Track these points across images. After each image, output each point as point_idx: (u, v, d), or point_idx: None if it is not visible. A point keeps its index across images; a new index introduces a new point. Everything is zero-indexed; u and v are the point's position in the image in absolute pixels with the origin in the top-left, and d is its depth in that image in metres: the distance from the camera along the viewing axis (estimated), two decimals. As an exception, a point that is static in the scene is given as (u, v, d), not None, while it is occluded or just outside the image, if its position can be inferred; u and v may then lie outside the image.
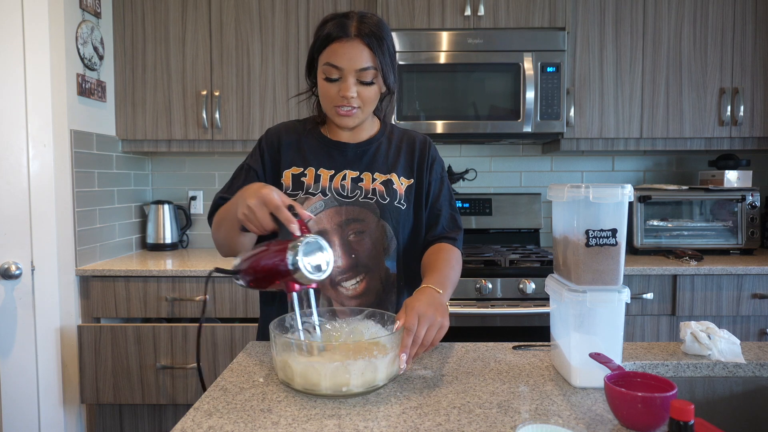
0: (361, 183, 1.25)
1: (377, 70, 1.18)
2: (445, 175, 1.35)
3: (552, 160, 2.87)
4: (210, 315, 2.23)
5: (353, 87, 1.17)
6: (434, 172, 1.32)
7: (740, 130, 2.48)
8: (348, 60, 1.16)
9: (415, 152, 1.31)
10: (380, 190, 1.25)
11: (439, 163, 1.34)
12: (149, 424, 2.29)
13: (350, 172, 1.26)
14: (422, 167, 1.31)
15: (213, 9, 2.48)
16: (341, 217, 1.23)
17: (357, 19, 1.17)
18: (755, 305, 2.22)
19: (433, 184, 1.31)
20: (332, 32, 1.16)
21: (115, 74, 2.50)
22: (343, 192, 1.24)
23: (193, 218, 2.89)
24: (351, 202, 1.24)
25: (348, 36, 1.15)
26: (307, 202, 1.22)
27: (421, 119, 2.38)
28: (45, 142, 2.04)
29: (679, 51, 2.46)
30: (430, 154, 1.32)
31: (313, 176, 1.25)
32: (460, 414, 0.85)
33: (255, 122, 2.50)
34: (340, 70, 1.17)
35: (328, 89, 1.19)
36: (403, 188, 1.28)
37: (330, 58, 1.17)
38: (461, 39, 2.37)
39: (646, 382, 0.85)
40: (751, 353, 1.13)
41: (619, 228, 0.94)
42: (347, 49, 1.15)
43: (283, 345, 0.93)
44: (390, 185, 1.26)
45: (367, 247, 1.23)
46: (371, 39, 1.16)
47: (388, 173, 1.27)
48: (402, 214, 1.26)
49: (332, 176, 1.25)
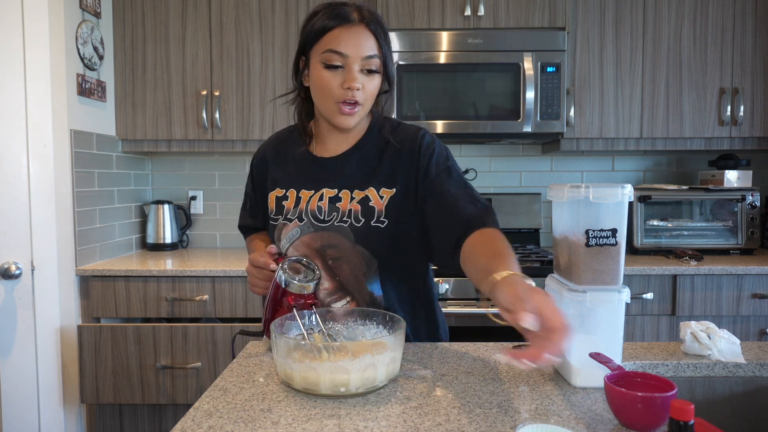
0: (339, 203, 1.16)
1: (381, 60, 1.11)
2: (451, 164, 1.16)
3: (552, 160, 2.87)
4: (210, 315, 2.23)
5: (359, 76, 1.09)
6: (431, 170, 1.14)
7: (740, 130, 2.48)
8: (354, 45, 1.07)
9: (399, 156, 1.16)
10: (356, 211, 1.14)
11: (437, 155, 1.16)
12: (149, 424, 2.29)
13: (327, 191, 1.17)
14: (411, 173, 1.15)
15: (213, 9, 2.48)
16: (317, 243, 1.16)
17: (356, 7, 1.10)
18: (755, 305, 2.22)
19: (436, 182, 1.13)
20: (330, 21, 1.08)
21: (115, 74, 2.50)
22: (320, 215, 1.16)
23: (193, 218, 2.89)
24: (326, 227, 1.16)
25: (351, 21, 1.08)
26: (285, 228, 1.20)
27: (421, 119, 2.38)
28: (45, 142, 2.04)
29: (679, 51, 2.46)
30: (420, 155, 1.15)
31: (294, 199, 1.20)
32: (460, 414, 0.85)
33: (255, 122, 2.50)
34: (344, 57, 1.07)
35: (329, 80, 1.09)
36: (384, 202, 1.14)
37: (331, 44, 1.08)
38: (461, 39, 2.37)
39: (646, 382, 0.85)
40: (751, 353, 1.12)
41: (619, 228, 0.94)
42: (353, 35, 1.07)
43: (283, 345, 0.93)
44: (367, 203, 1.14)
45: (346, 272, 1.16)
46: (376, 26, 1.10)
47: (366, 188, 1.15)
48: (382, 233, 1.13)
49: (311, 196, 1.18)
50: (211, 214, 2.89)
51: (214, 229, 2.90)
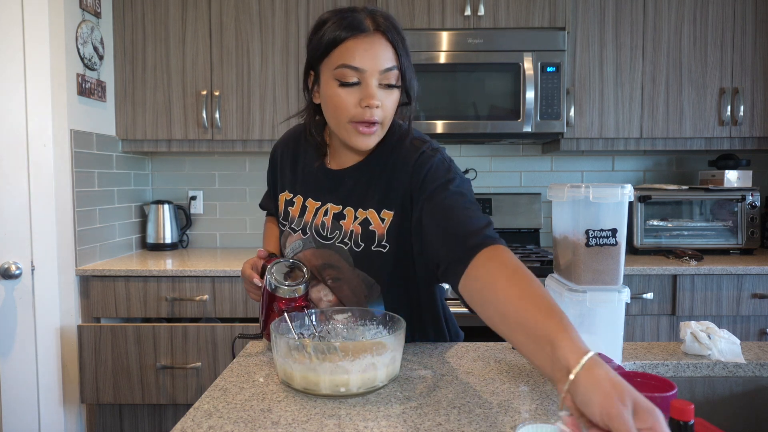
0: (343, 221, 1.09)
1: (400, 72, 1.00)
2: (452, 176, 1.00)
3: (552, 160, 2.87)
4: (210, 315, 2.23)
5: (377, 92, 0.98)
6: (427, 185, 1.00)
7: (740, 130, 2.48)
8: (371, 59, 0.96)
9: (399, 175, 1.05)
10: (356, 233, 1.07)
11: (435, 168, 1.02)
12: (149, 424, 2.29)
13: (332, 207, 1.11)
14: (408, 190, 1.03)
15: (213, 9, 2.48)
16: (317, 260, 1.13)
17: (369, 13, 0.99)
18: (755, 305, 2.22)
19: (433, 195, 0.99)
20: (341, 31, 0.96)
21: (115, 74, 2.50)
22: (323, 232, 1.11)
23: (193, 218, 2.89)
24: (328, 245, 1.11)
25: (366, 31, 0.96)
26: (290, 238, 1.19)
27: (421, 119, 2.38)
28: (45, 142, 2.04)
29: (679, 51, 2.46)
30: (416, 169, 1.02)
31: (300, 206, 1.16)
32: (460, 414, 0.85)
33: (255, 122, 2.50)
34: (360, 72, 0.96)
35: (344, 98, 0.98)
36: (385, 226, 1.06)
37: (345, 59, 0.96)
38: (461, 39, 2.37)
39: (646, 382, 0.85)
40: (751, 353, 1.12)
41: (619, 228, 0.94)
42: (369, 46, 0.96)
43: (283, 345, 0.93)
44: (367, 226, 1.06)
45: (347, 294, 1.13)
46: (393, 34, 0.98)
47: (368, 208, 1.07)
48: (383, 257, 1.06)
49: (317, 209, 1.12)
50: (211, 214, 2.89)
51: (214, 229, 2.90)
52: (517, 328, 0.74)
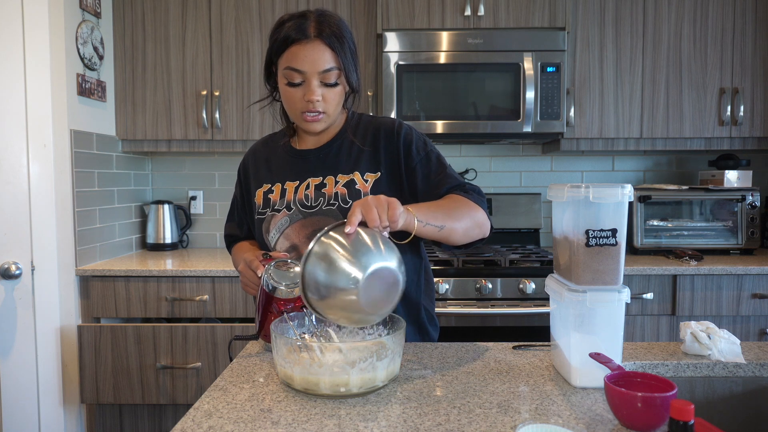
0: (324, 189, 1.22)
1: (340, 71, 1.16)
2: (430, 149, 1.25)
3: (552, 160, 2.87)
4: (210, 315, 2.23)
5: (318, 90, 1.15)
6: (413, 156, 1.22)
7: (740, 130, 2.48)
8: (310, 63, 1.13)
9: (379, 142, 1.24)
10: (342, 194, 1.20)
11: (416, 142, 1.24)
12: (149, 424, 2.29)
13: (313, 180, 1.23)
14: (394, 157, 1.23)
15: (213, 9, 2.48)
16: (307, 229, 1.20)
17: (315, 19, 1.15)
18: (755, 305, 2.22)
19: (419, 168, 1.22)
20: (290, 35, 1.13)
21: (115, 74, 2.50)
22: (307, 202, 1.22)
23: (193, 218, 2.89)
24: (314, 212, 1.21)
25: (308, 37, 1.13)
26: (273, 219, 1.24)
27: (421, 119, 2.38)
28: (45, 142, 2.04)
29: (679, 51, 2.46)
30: (401, 140, 1.23)
31: (279, 191, 1.26)
32: (460, 414, 0.85)
33: (255, 122, 2.50)
34: (302, 73, 1.14)
35: (291, 95, 1.17)
36: (369, 185, 1.21)
37: (291, 62, 1.14)
38: (461, 39, 2.37)
39: (646, 382, 0.85)
40: (751, 353, 1.12)
41: (619, 228, 0.94)
42: (308, 51, 1.13)
43: (283, 345, 0.93)
44: (353, 186, 1.21)
45: None
46: (332, 39, 1.14)
47: (351, 172, 1.22)
48: None
49: (297, 187, 1.24)
50: (211, 214, 2.90)
51: (214, 229, 2.90)
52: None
